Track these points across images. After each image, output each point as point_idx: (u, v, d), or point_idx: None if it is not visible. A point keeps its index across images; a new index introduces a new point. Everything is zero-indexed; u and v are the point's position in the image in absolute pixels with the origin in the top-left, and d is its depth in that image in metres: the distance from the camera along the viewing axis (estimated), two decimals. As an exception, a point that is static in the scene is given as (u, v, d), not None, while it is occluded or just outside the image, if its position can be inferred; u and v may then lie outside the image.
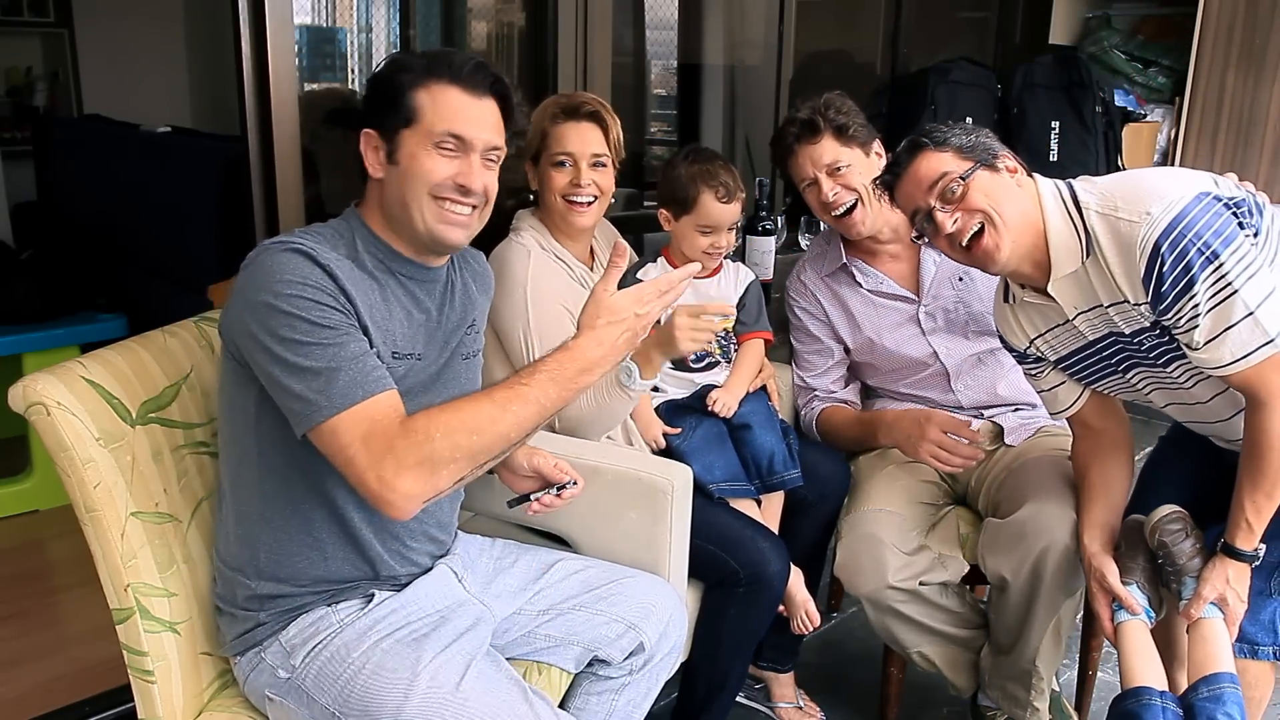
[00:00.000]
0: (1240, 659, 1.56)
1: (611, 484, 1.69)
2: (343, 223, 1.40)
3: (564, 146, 1.82)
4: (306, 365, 1.22)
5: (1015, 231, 1.53)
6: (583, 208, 1.84)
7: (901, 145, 1.63)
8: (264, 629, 1.38)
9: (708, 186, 1.89)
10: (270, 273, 1.25)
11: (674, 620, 1.62)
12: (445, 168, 1.34)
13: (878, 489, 1.96)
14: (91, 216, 3.84)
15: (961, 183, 1.53)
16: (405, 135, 1.34)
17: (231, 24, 1.86)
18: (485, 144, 1.36)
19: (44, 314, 2.98)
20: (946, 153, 1.56)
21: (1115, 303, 1.52)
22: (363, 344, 1.27)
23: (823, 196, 2.00)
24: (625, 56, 3.23)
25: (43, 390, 1.28)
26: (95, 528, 1.32)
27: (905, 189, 1.61)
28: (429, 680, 1.30)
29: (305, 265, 1.26)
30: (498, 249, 1.85)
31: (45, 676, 2.20)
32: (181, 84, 5.05)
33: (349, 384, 1.22)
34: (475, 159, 1.36)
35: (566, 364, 1.29)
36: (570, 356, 1.30)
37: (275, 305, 1.23)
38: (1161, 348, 1.54)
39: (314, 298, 1.24)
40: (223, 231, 2.97)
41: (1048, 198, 1.56)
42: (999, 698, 1.97)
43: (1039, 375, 1.74)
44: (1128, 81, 3.85)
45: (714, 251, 1.93)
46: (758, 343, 2.02)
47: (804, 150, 2.00)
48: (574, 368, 1.29)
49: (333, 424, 1.22)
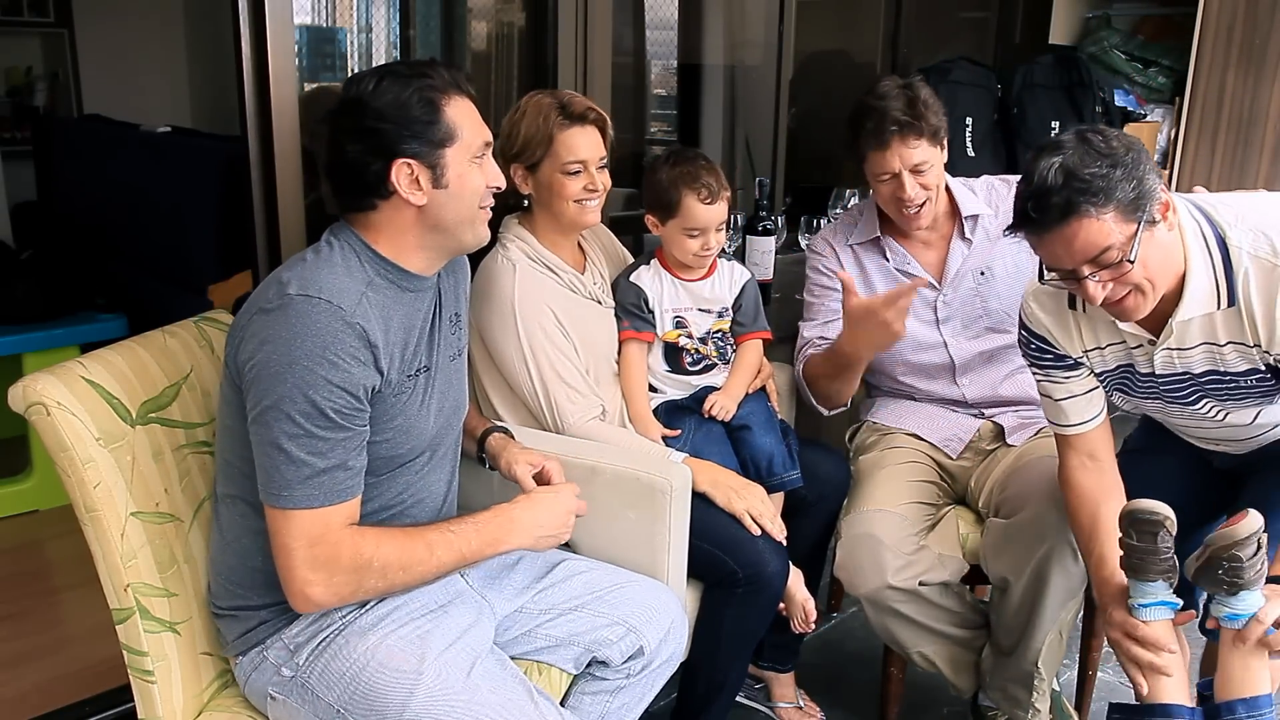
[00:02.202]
0: None
1: (610, 484, 1.69)
2: (345, 247, 1.35)
3: (577, 155, 1.79)
4: (300, 456, 1.25)
5: (1160, 289, 1.44)
6: (593, 207, 1.84)
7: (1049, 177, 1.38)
8: (266, 627, 1.38)
9: (690, 189, 1.87)
10: (308, 338, 1.24)
11: (675, 626, 1.63)
12: (481, 177, 1.39)
13: (877, 489, 1.96)
14: (91, 216, 3.84)
15: (1124, 258, 1.38)
16: (450, 155, 1.34)
17: (231, 24, 1.86)
18: (491, 143, 1.42)
19: (44, 314, 2.98)
20: (1108, 214, 1.37)
21: (1234, 342, 1.47)
22: (360, 439, 1.30)
23: (903, 193, 1.95)
24: (625, 56, 3.22)
25: (43, 390, 1.28)
26: (95, 528, 1.32)
27: (1052, 248, 1.43)
28: (434, 676, 1.31)
29: (343, 333, 1.26)
30: (485, 262, 1.84)
31: (45, 676, 2.20)
32: (181, 84, 5.05)
33: (323, 487, 1.26)
34: (491, 156, 1.41)
35: (493, 525, 1.40)
36: (499, 521, 1.41)
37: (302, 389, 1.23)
38: (1262, 387, 1.50)
39: (341, 383, 1.25)
40: (223, 231, 2.97)
41: (1191, 240, 1.46)
42: (1000, 699, 1.97)
43: (1064, 382, 1.66)
44: (1128, 81, 3.85)
45: (704, 254, 1.92)
46: (756, 343, 2.02)
47: (898, 146, 1.93)
48: (499, 529, 1.41)
49: (290, 514, 1.26)
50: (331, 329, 1.25)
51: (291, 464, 1.25)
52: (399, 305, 1.37)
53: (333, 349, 1.24)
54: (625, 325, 1.94)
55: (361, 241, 1.36)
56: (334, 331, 1.25)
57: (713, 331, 1.98)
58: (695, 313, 1.97)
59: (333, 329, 1.25)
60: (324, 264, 1.32)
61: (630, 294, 1.95)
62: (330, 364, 1.24)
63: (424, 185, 1.33)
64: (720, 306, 1.98)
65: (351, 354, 1.26)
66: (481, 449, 1.68)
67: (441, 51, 3.05)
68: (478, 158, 1.37)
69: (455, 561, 1.37)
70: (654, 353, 1.98)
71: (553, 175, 1.80)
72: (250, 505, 1.37)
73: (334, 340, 1.25)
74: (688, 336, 1.97)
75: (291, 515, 1.26)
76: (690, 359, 1.97)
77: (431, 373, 1.43)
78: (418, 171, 1.32)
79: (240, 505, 1.38)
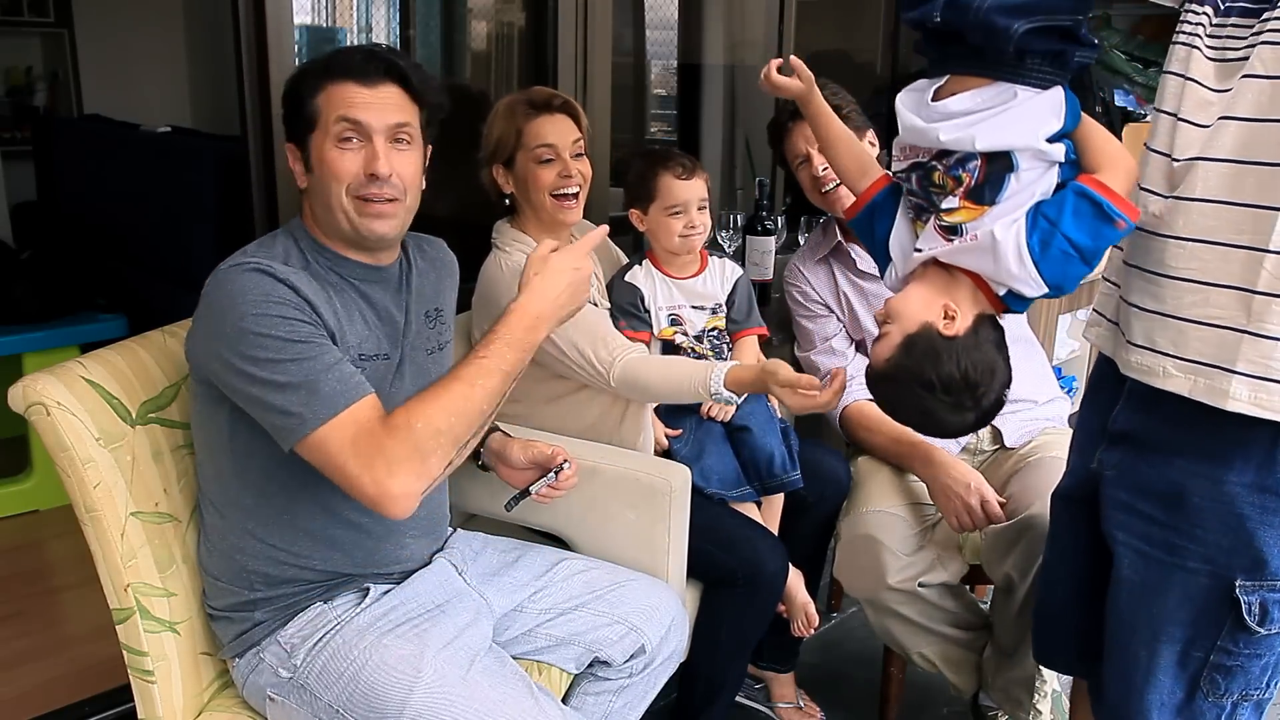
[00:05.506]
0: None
1: (610, 484, 1.69)
2: (287, 235, 1.39)
3: (545, 139, 1.79)
4: (285, 381, 1.22)
5: None
6: (572, 202, 1.82)
7: None
8: (261, 629, 1.38)
9: (664, 168, 1.90)
10: (233, 296, 1.25)
11: (676, 624, 1.63)
12: (352, 160, 1.33)
13: (877, 490, 1.96)
14: (91, 216, 3.83)
15: None
16: (314, 140, 1.35)
17: (231, 24, 1.86)
18: (386, 123, 1.34)
19: (44, 314, 2.98)
20: None
21: None
22: (335, 352, 1.28)
23: (814, 170, 2.05)
24: (625, 56, 3.23)
25: (43, 390, 1.28)
26: (95, 528, 1.32)
27: None
28: (433, 674, 1.31)
29: (267, 283, 1.26)
30: (486, 268, 1.84)
31: (45, 676, 2.20)
32: (181, 84, 5.04)
33: (330, 394, 1.23)
34: (380, 142, 1.34)
35: (515, 326, 1.33)
36: (516, 317, 1.34)
37: (244, 328, 1.23)
38: None
39: (281, 314, 1.25)
40: (223, 231, 2.97)
41: None
42: (1001, 699, 1.97)
43: None
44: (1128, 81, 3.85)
45: (690, 233, 1.91)
46: (752, 340, 2.02)
47: (798, 127, 2.05)
48: (521, 327, 1.33)
49: (320, 435, 1.22)
50: (260, 284, 1.26)
51: (281, 393, 1.22)
52: (342, 290, 1.38)
53: (267, 298, 1.25)
54: (622, 326, 1.93)
55: (304, 229, 1.40)
56: (263, 286, 1.25)
57: (708, 329, 1.98)
58: (689, 310, 1.97)
59: (262, 284, 1.26)
60: (262, 248, 1.36)
61: (626, 294, 1.95)
62: (264, 301, 1.24)
63: (301, 169, 1.37)
64: (714, 303, 1.98)
65: (283, 299, 1.26)
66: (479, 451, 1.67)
67: (441, 52, 3.05)
68: (343, 139, 1.33)
69: (501, 381, 1.30)
70: (652, 353, 1.97)
71: (527, 166, 1.80)
72: (218, 507, 1.38)
73: (265, 292, 1.25)
74: (684, 334, 1.96)
75: (324, 435, 1.22)
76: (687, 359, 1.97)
77: (394, 363, 1.42)
78: (297, 156, 1.37)
79: (212, 508, 1.39)
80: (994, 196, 1.19)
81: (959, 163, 1.20)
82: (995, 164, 1.18)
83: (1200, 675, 1.22)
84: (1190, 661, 1.22)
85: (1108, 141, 1.20)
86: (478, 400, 1.28)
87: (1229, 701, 1.23)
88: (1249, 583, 1.16)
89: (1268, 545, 1.14)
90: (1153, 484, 1.21)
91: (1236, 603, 1.17)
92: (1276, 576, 1.16)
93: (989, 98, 1.17)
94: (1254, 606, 1.17)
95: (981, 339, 1.25)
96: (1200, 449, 1.17)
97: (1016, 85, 1.16)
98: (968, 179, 1.20)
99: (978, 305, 1.26)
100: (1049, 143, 1.16)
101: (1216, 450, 1.15)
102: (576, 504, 1.68)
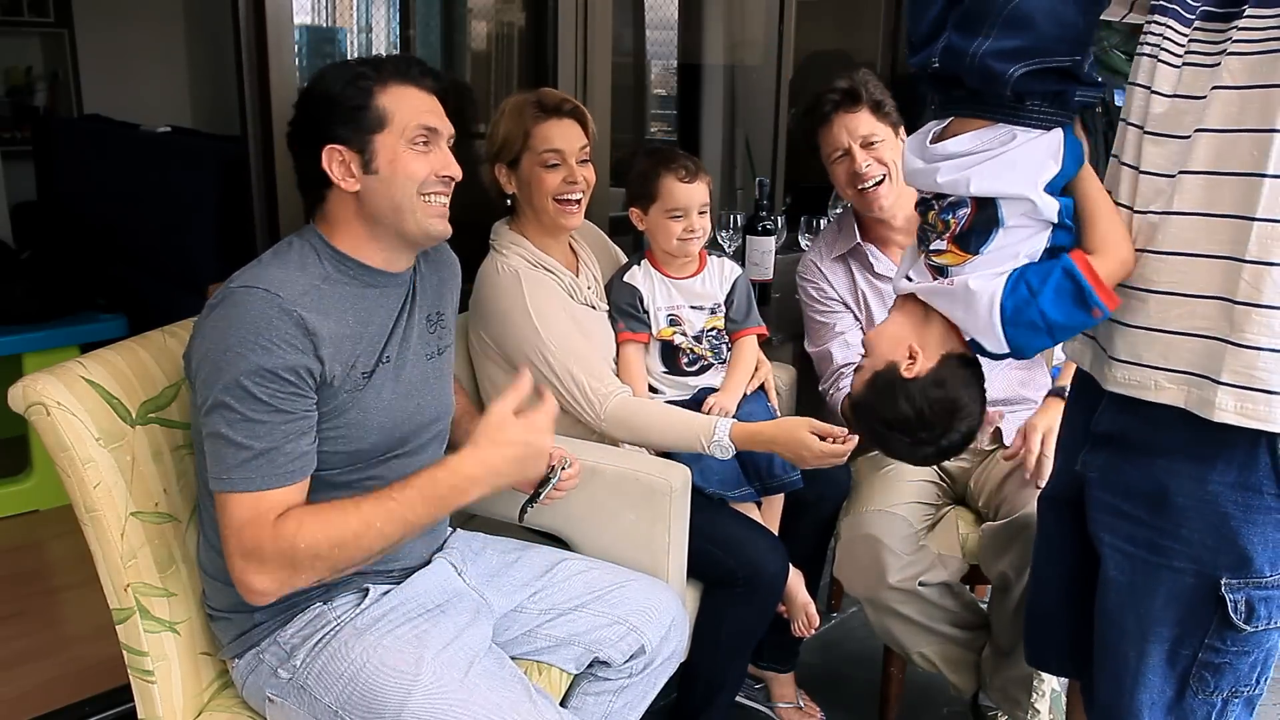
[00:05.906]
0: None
1: (611, 485, 1.69)
2: (306, 244, 1.38)
3: (553, 144, 1.79)
4: (240, 441, 1.25)
5: None
6: (574, 207, 1.82)
7: None
8: (261, 629, 1.38)
9: (667, 170, 1.89)
10: (238, 327, 1.25)
11: (676, 624, 1.63)
12: (426, 163, 1.36)
13: (877, 490, 1.96)
14: (91, 216, 3.83)
15: None
16: (381, 140, 1.34)
17: (231, 24, 1.86)
18: (449, 131, 1.40)
19: (44, 314, 2.98)
20: None
21: None
22: (301, 424, 1.28)
23: (855, 166, 2.00)
24: (625, 56, 3.22)
25: (43, 390, 1.28)
26: (95, 528, 1.32)
27: None
28: (432, 676, 1.31)
29: (274, 314, 1.26)
30: (484, 271, 1.84)
31: (45, 676, 2.20)
32: (181, 84, 5.05)
33: (260, 470, 1.25)
34: (445, 147, 1.39)
35: (440, 481, 1.31)
36: (445, 474, 1.32)
37: (238, 375, 1.24)
38: None
39: (276, 368, 1.25)
40: (223, 232, 2.97)
41: None
42: (999, 699, 1.97)
43: None
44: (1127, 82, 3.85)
45: (689, 237, 1.91)
46: (751, 340, 2.02)
47: (841, 119, 2.00)
48: (446, 484, 1.31)
49: (227, 499, 1.26)
50: (265, 315, 1.26)
51: (230, 447, 1.25)
52: (359, 300, 1.38)
53: (265, 334, 1.25)
54: (621, 327, 1.94)
55: (321, 238, 1.39)
56: (268, 318, 1.26)
57: (707, 329, 1.98)
58: (688, 310, 1.97)
59: (266, 315, 1.26)
60: (277, 260, 1.35)
61: (625, 294, 1.95)
62: (263, 349, 1.24)
63: (355, 171, 1.35)
64: (713, 303, 1.98)
65: (285, 339, 1.26)
66: None
67: (441, 51, 3.05)
68: (416, 142, 1.36)
69: (402, 530, 1.30)
70: (651, 354, 1.97)
71: (532, 169, 1.81)
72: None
73: (267, 325, 1.25)
74: (682, 334, 1.96)
75: (229, 499, 1.26)
76: (686, 359, 1.97)
77: (393, 367, 1.42)
78: (347, 157, 1.35)
79: (212, 508, 1.39)
80: (979, 246, 1.20)
81: (951, 207, 1.21)
82: (983, 213, 1.19)
83: (1189, 673, 1.23)
84: (1179, 660, 1.22)
85: (1112, 223, 1.19)
86: (369, 541, 1.28)
87: (1219, 699, 1.24)
88: (1234, 580, 1.16)
89: (1251, 543, 1.15)
90: (1136, 485, 1.22)
91: (1222, 601, 1.17)
92: (1261, 574, 1.16)
93: (988, 139, 1.18)
94: (1240, 604, 1.17)
95: (947, 378, 1.27)
96: (1183, 449, 1.17)
97: (1016, 127, 1.16)
98: (954, 224, 1.21)
99: (948, 344, 1.27)
100: (1047, 192, 1.17)
101: (1199, 450, 1.16)
102: (577, 504, 1.68)
